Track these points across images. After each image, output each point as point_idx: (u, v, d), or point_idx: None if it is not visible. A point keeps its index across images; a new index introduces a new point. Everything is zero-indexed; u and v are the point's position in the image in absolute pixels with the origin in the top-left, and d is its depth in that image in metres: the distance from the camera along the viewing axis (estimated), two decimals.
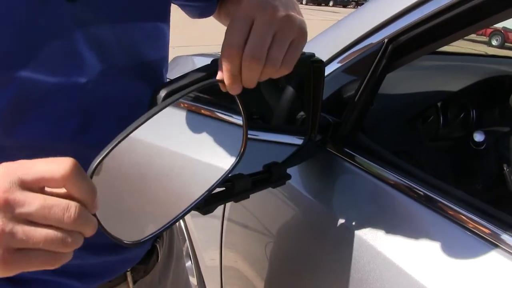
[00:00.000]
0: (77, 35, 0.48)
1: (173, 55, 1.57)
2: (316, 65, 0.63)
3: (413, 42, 0.74)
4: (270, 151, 0.78)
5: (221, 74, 0.47)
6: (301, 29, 0.48)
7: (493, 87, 1.28)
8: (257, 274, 1.00)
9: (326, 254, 0.77)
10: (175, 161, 0.56)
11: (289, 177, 0.69)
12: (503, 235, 0.55)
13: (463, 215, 0.60)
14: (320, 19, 15.24)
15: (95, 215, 0.37)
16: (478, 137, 1.10)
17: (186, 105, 0.62)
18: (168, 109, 0.45)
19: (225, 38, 0.46)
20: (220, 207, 1.01)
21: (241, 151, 0.55)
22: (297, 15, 0.48)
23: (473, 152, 1.12)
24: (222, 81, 0.47)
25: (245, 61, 0.45)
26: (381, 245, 0.65)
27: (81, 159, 0.37)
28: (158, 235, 0.55)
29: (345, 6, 29.76)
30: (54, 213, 0.34)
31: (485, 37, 10.94)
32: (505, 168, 1.06)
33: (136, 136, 0.42)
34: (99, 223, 0.38)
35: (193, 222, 1.34)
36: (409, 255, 0.62)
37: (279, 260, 0.92)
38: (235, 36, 0.45)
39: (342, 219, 0.73)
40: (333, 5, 30.42)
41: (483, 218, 0.58)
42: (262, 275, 0.97)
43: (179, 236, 0.91)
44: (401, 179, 0.69)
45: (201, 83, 0.48)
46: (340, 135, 0.81)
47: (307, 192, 0.82)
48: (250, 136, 0.56)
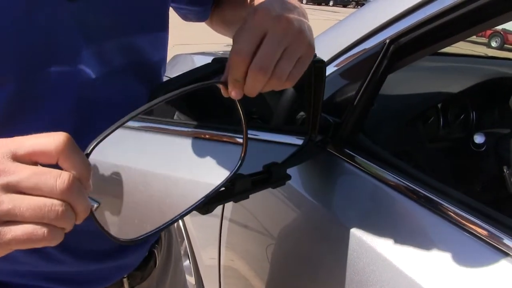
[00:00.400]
0: (77, 35, 0.47)
1: (172, 54, 1.56)
2: (317, 65, 0.62)
3: (415, 43, 0.74)
4: (270, 151, 0.77)
5: (225, 78, 0.47)
6: (311, 46, 0.48)
7: (493, 88, 1.28)
8: (255, 274, 1.00)
9: (326, 255, 0.76)
10: (176, 161, 0.55)
11: (289, 177, 0.69)
12: (503, 237, 0.55)
13: (463, 217, 0.59)
14: (320, 18, 15.25)
15: (91, 213, 0.36)
16: (479, 139, 1.10)
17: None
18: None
19: (234, 43, 0.46)
20: (219, 206, 1.01)
21: (242, 155, 0.55)
22: (308, 31, 0.48)
23: (473, 154, 1.12)
24: (224, 84, 0.47)
25: (252, 71, 0.45)
26: (381, 246, 0.65)
27: None
28: (155, 234, 0.54)
29: (345, 6, 29.79)
30: (46, 179, 0.32)
31: (484, 38, 10.94)
32: (505, 170, 1.06)
33: (134, 138, 0.42)
34: (94, 218, 0.37)
35: (191, 221, 1.34)
36: (408, 256, 0.62)
37: (278, 260, 0.92)
38: (246, 45, 0.45)
39: (342, 220, 0.73)
40: (333, 5, 30.45)
41: (483, 220, 0.58)
42: (260, 275, 0.97)
43: (178, 238, 0.90)
44: (401, 180, 0.69)
45: (203, 83, 0.48)
46: (341, 136, 0.81)
47: (307, 192, 0.82)
48: (250, 136, 0.55)
